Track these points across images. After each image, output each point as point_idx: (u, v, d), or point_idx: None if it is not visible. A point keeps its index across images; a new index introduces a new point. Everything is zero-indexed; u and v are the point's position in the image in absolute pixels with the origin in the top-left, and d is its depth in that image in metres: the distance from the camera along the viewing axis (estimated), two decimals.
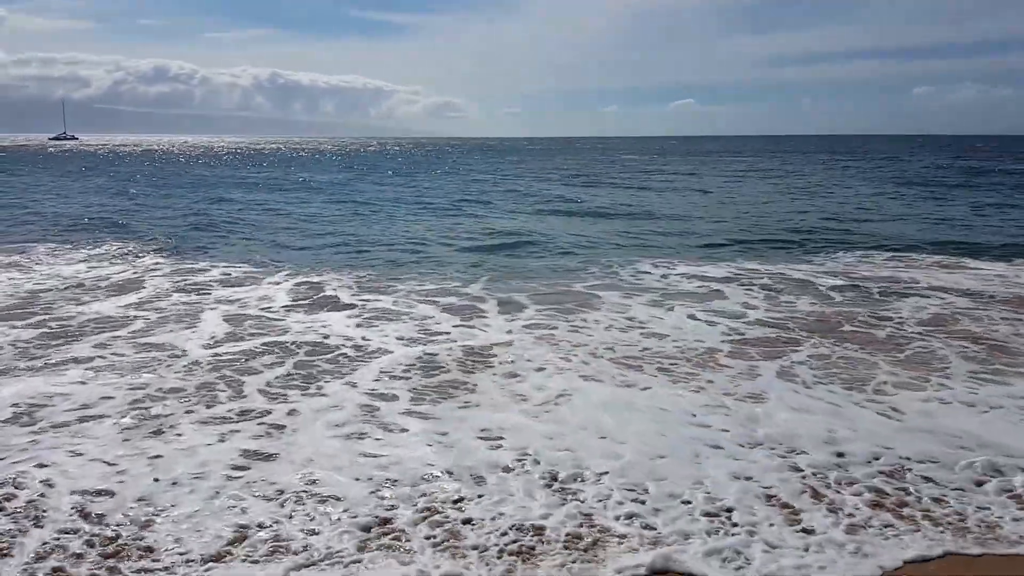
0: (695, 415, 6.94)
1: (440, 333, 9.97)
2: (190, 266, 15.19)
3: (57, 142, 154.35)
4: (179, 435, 6.41)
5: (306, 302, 11.97)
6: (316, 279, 13.89)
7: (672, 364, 8.60)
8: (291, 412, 6.95)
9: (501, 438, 6.36)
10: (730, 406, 7.18)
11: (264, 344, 9.35)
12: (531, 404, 7.24)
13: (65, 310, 11.23)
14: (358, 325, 10.34)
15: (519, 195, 34.23)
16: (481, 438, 6.37)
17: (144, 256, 16.37)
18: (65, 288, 12.78)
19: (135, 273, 14.31)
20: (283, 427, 6.62)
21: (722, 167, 61.15)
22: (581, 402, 7.28)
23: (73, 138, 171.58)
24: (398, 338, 9.66)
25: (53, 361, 8.53)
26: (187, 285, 13.17)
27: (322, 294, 12.62)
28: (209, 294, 12.55)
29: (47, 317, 10.75)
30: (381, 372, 8.20)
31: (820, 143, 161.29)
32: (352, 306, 11.64)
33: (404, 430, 6.58)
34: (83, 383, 7.73)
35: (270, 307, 11.67)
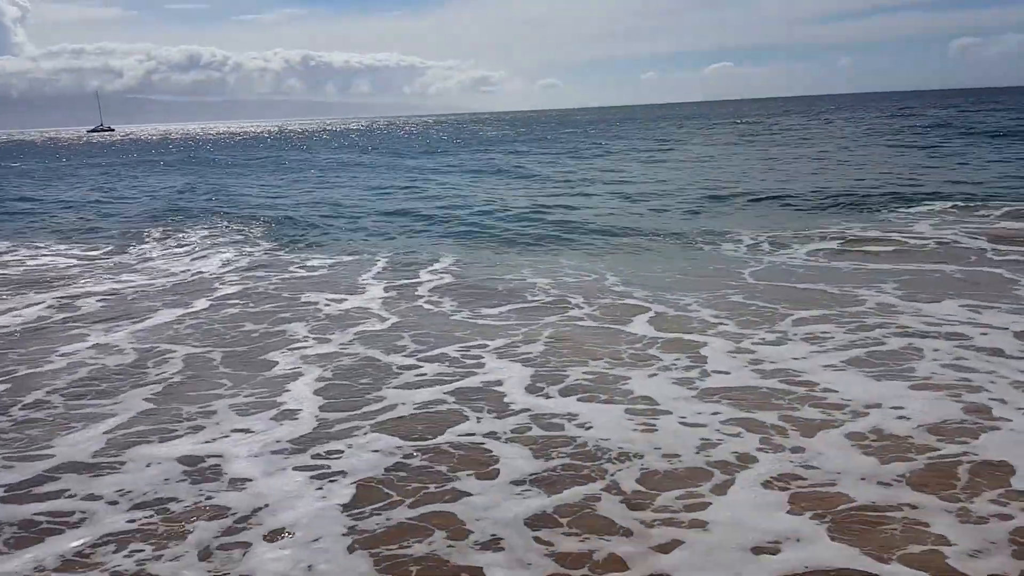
0: None
1: (736, 413, 4.77)
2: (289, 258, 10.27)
3: (96, 134, 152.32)
4: None
5: (427, 324, 6.88)
6: (418, 278, 9.01)
7: None
8: None
9: None
10: None
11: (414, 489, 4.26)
12: None
13: (59, 354, 6.41)
14: (575, 393, 5.19)
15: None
16: None
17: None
18: (126, 290, 9.18)
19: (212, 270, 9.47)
20: None
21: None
22: None
23: (110, 130, 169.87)
24: (670, 422, 4.52)
25: None
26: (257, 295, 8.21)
27: (439, 306, 7.56)
28: (298, 298, 7.81)
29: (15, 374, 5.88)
30: None
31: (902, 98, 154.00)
32: (512, 334, 6.51)
33: None
34: None
35: (376, 331, 6.73)
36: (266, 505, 3.76)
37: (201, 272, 10.01)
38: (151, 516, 3.71)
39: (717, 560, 3.13)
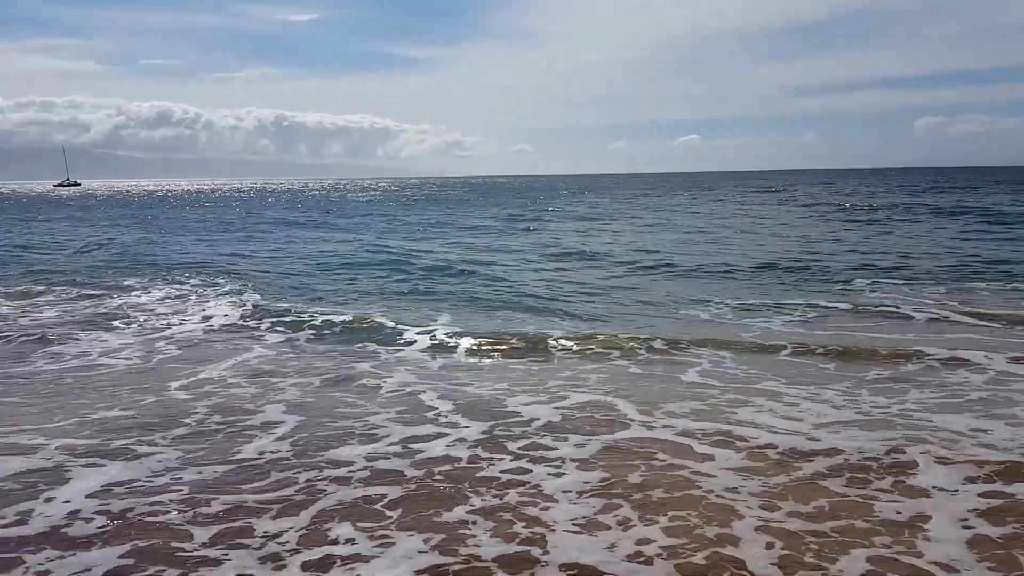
0: None
1: None
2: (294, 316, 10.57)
3: (63, 188, 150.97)
4: None
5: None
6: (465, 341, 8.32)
7: None
8: None
9: None
10: None
11: None
12: None
13: (175, 387, 6.57)
14: None
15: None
16: None
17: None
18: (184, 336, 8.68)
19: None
20: None
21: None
22: None
23: (76, 184, 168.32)
24: (851, 436, 4.99)
25: None
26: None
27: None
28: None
29: None
30: None
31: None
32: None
33: None
34: None
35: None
36: (538, 484, 4.35)
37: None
38: (412, 489, 4.30)
39: None
